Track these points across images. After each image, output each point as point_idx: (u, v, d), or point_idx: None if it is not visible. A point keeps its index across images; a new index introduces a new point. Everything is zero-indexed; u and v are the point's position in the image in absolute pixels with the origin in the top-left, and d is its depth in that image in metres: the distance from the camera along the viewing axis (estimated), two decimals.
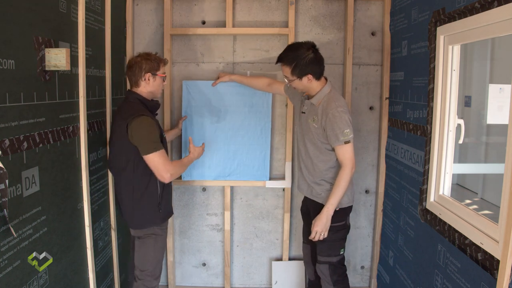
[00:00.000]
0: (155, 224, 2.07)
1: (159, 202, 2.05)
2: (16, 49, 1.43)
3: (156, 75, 2.02)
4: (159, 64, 2.03)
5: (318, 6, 2.62)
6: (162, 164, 1.91)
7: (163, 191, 2.07)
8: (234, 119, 2.64)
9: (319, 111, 2.02)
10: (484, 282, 1.47)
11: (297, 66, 1.96)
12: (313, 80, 2.01)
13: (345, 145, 1.96)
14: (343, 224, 2.11)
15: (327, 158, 2.06)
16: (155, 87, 2.05)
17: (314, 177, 2.12)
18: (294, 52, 1.98)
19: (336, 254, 2.11)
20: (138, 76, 2.00)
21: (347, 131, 1.94)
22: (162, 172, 1.92)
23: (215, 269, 2.88)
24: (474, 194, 2.90)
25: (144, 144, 1.90)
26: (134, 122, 1.89)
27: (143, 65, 1.99)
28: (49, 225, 1.69)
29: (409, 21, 2.24)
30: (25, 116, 1.50)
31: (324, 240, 2.07)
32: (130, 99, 2.02)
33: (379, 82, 2.67)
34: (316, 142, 2.07)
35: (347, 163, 1.99)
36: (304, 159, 2.16)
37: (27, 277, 1.52)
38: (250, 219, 2.82)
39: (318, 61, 1.99)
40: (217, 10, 2.63)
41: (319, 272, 2.16)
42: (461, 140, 1.95)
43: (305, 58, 1.95)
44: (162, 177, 1.94)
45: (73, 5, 1.86)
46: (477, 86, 2.92)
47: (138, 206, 2.02)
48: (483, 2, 1.48)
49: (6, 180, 1.32)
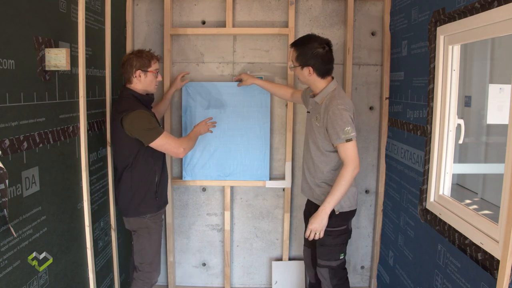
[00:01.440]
0: (150, 211, 2.13)
1: (156, 190, 2.13)
2: (16, 49, 1.43)
3: (147, 72, 2.07)
4: (150, 61, 2.07)
5: (318, 6, 2.62)
6: (172, 142, 2.02)
7: (160, 179, 2.16)
8: (234, 119, 2.64)
9: (321, 109, 2.00)
10: (484, 282, 1.47)
11: (302, 54, 1.97)
12: (313, 74, 1.99)
13: (347, 143, 1.90)
14: (344, 229, 2.06)
15: (328, 159, 2.03)
16: (147, 83, 2.10)
17: (315, 179, 2.09)
18: (306, 41, 2.00)
19: (336, 259, 2.07)
20: (129, 73, 2.07)
21: (348, 128, 1.89)
22: (175, 149, 2.02)
23: (215, 269, 2.88)
24: (474, 194, 2.90)
25: (146, 133, 1.96)
26: (129, 117, 1.95)
27: (133, 62, 2.05)
28: (49, 225, 1.69)
29: (409, 21, 2.24)
30: (25, 116, 1.50)
31: (324, 244, 2.04)
32: (124, 95, 2.08)
33: (379, 82, 2.67)
34: (317, 142, 2.04)
35: (348, 161, 1.92)
36: (307, 160, 2.15)
37: (27, 277, 1.52)
38: (250, 219, 2.82)
39: (324, 58, 1.97)
40: (217, 10, 2.63)
41: (320, 275, 2.14)
42: (461, 140, 1.95)
43: (313, 50, 1.95)
44: (176, 154, 2.04)
45: (73, 5, 1.86)
46: (477, 86, 2.92)
47: (136, 193, 2.09)
48: (483, 2, 1.48)
49: (6, 180, 1.32)
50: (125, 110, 1.97)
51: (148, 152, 2.07)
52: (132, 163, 2.07)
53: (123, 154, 2.09)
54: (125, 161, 2.09)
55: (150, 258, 2.18)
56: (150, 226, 2.15)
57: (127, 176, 2.09)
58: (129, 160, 2.07)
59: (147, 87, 2.12)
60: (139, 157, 2.06)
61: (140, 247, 2.17)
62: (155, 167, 2.13)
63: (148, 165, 2.10)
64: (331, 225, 2.01)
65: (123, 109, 1.99)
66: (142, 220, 2.14)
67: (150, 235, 2.16)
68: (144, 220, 2.14)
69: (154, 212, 2.15)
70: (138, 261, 2.20)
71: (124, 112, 1.97)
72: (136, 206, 2.12)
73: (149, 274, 2.19)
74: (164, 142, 1.99)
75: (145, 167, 2.09)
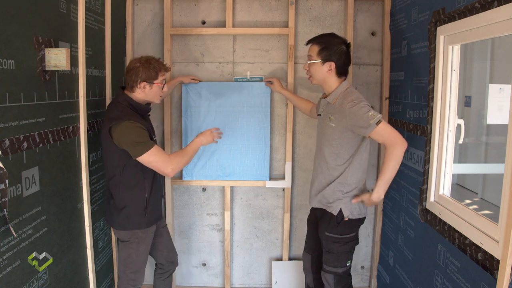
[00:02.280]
0: (139, 227, 1.99)
1: (146, 206, 1.98)
2: (16, 49, 1.43)
3: (152, 84, 1.93)
4: (157, 73, 1.92)
5: (318, 6, 2.63)
6: (160, 160, 1.83)
7: (150, 195, 2.00)
8: (234, 119, 2.64)
9: (336, 110, 1.94)
10: (484, 282, 1.47)
11: (327, 49, 1.93)
12: (333, 71, 1.95)
13: (377, 127, 1.79)
14: (352, 236, 2.02)
15: (341, 162, 1.96)
16: (152, 95, 1.96)
17: (327, 180, 2.01)
18: (330, 37, 1.98)
19: (342, 266, 2.04)
20: (134, 82, 1.92)
21: (370, 114, 1.81)
22: (162, 168, 1.85)
23: (215, 269, 2.88)
24: (474, 194, 2.90)
25: (133, 146, 1.81)
26: (118, 128, 1.81)
27: (139, 73, 1.89)
28: (49, 225, 1.69)
29: (409, 21, 2.24)
30: (25, 116, 1.50)
31: (331, 251, 2.01)
32: (120, 100, 1.93)
33: (379, 82, 2.68)
34: (332, 143, 1.96)
35: (391, 141, 1.79)
36: (320, 164, 2.05)
37: (27, 277, 1.52)
38: (250, 219, 2.82)
39: (347, 57, 1.97)
40: (217, 10, 2.63)
41: (324, 280, 2.10)
42: (461, 140, 1.94)
43: (338, 46, 1.94)
44: (164, 173, 1.87)
45: (73, 5, 1.86)
46: (477, 86, 2.92)
47: (124, 208, 1.95)
48: (483, 2, 1.48)
49: (6, 180, 1.32)
50: (116, 118, 1.83)
51: (138, 165, 1.90)
52: (119, 175, 1.92)
53: (110, 163, 1.94)
54: (111, 171, 1.94)
55: (136, 267, 2.04)
56: (140, 237, 2.01)
57: (115, 189, 1.95)
58: (116, 171, 1.92)
59: (151, 99, 1.97)
60: (126, 170, 1.91)
61: (126, 256, 2.03)
62: (145, 182, 1.96)
63: (136, 179, 1.94)
64: (339, 232, 1.98)
65: (113, 117, 1.84)
66: (132, 232, 2.00)
67: (139, 245, 2.02)
68: (134, 231, 2.00)
69: (144, 228, 2.00)
70: (122, 269, 2.05)
71: (114, 120, 1.82)
72: (124, 221, 1.98)
73: (133, 282, 2.06)
74: (151, 159, 1.82)
75: (133, 181, 1.94)
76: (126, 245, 2.02)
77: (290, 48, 2.58)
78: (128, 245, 2.01)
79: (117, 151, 1.86)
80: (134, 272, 2.04)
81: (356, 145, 1.94)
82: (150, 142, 1.84)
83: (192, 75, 2.62)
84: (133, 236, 2.00)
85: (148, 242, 2.06)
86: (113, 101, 2.00)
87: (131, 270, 2.04)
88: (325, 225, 2.02)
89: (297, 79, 2.66)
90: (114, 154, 1.88)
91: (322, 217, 2.07)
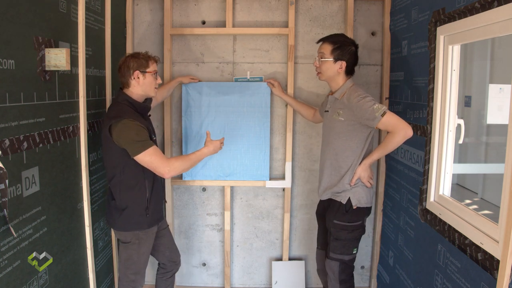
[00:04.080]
0: (140, 228, 1.98)
1: (147, 207, 1.97)
2: (16, 49, 1.43)
3: (145, 73, 1.93)
4: (148, 62, 1.94)
5: (318, 6, 2.63)
6: (157, 160, 1.81)
7: (151, 195, 1.99)
8: (234, 119, 2.64)
9: (343, 104, 2.03)
10: (484, 282, 1.47)
11: (340, 48, 2.04)
12: (343, 70, 2.06)
13: (383, 118, 1.90)
14: (359, 224, 2.08)
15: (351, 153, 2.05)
16: (147, 85, 1.95)
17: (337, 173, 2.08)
18: (343, 38, 2.10)
19: (349, 253, 2.09)
20: (127, 76, 1.92)
21: (376, 106, 1.91)
22: (159, 168, 1.81)
23: (215, 269, 2.88)
24: (474, 194, 2.91)
25: (132, 144, 1.80)
26: (117, 126, 1.81)
27: (130, 64, 1.91)
28: (49, 225, 1.69)
29: (409, 21, 2.24)
30: (25, 116, 1.50)
31: (339, 238, 2.06)
32: (119, 100, 1.94)
33: (379, 82, 2.68)
34: (342, 136, 2.05)
35: (395, 129, 1.90)
36: (329, 157, 2.11)
37: (27, 277, 1.52)
38: (250, 219, 2.82)
39: (355, 57, 2.10)
40: (217, 10, 2.63)
41: (329, 269, 2.13)
42: (461, 140, 1.95)
43: (350, 47, 2.06)
44: (160, 174, 1.84)
45: (73, 5, 1.86)
46: (477, 86, 2.92)
47: (124, 208, 1.94)
48: (483, 2, 1.48)
49: (6, 180, 1.32)
50: (115, 117, 1.82)
51: (138, 166, 1.88)
52: (120, 175, 1.91)
53: (110, 163, 1.93)
54: (111, 172, 1.93)
55: (136, 268, 2.03)
56: (141, 238, 2.00)
57: (115, 188, 1.94)
58: (116, 171, 1.91)
59: (147, 90, 1.96)
60: (126, 170, 1.90)
61: (127, 257, 2.02)
62: (146, 182, 1.95)
63: (137, 179, 1.93)
64: (347, 219, 2.05)
65: (113, 116, 1.83)
66: (133, 233, 1.99)
67: (140, 246, 2.01)
68: (135, 232, 1.99)
69: (145, 229, 1.99)
70: (122, 271, 2.04)
71: (113, 119, 1.82)
72: (124, 222, 1.96)
73: (134, 283, 2.05)
74: (148, 159, 1.80)
75: (134, 181, 1.92)
76: (127, 246, 2.01)
77: (290, 48, 2.58)
78: (129, 246, 2.01)
79: (117, 151, 1.86)
80: (134, 274, 2.04)
81: (364, 137, 2.05)
82: (149, 141, 1.84)
83: (191, 75, 2.62)
84: (134, 237, 1.99)
85: (149, 244, 2.06)
86: (113, 102, 2.00)
87: (132, 271, 2.03)
88: (334, 214, 2.09)
89: (297, 79, 2.66)
90: (114, 154, 1.88)
91: (330, 206, 2.13)
